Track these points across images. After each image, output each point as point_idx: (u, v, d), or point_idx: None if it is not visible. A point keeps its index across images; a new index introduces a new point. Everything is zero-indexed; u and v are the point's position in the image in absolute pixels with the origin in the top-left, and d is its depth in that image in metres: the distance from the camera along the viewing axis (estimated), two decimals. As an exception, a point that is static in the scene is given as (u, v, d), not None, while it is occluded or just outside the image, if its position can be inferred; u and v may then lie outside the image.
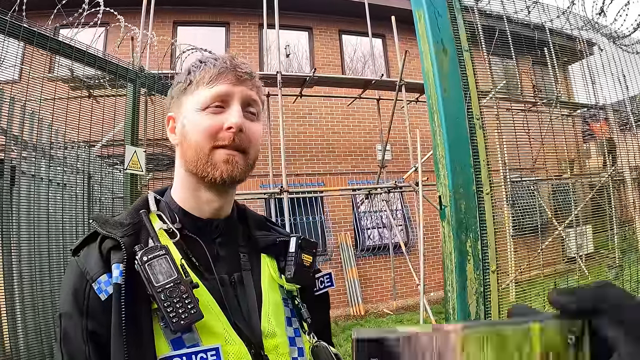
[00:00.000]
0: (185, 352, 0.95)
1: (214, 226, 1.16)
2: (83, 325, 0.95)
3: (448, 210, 2.08)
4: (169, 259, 0.98)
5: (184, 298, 0.95)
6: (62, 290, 1.03)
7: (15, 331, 3.34)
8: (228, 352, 1.00)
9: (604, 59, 4.37)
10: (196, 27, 11.30)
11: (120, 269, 0.96)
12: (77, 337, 0.95)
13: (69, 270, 1.04)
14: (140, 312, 0.96)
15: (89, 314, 0.96)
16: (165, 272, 0.96)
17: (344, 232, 10.71)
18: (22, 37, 3.46)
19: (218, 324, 1.02)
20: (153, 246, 1.00)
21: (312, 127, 11.13)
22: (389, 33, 11.21)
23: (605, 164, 5.32)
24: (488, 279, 2.12)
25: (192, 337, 0.98)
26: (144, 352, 0.93)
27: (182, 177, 1.15)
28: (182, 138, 1.12)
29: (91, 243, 1.04)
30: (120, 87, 4.48)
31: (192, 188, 1.13)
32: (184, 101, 1.13)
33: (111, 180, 4.78)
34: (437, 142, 2.17)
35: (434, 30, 2.26)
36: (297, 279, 1.20)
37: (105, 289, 0.97)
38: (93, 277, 0.98)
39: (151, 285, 0.94)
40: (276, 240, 1.26)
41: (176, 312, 0.93)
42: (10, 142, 3.53)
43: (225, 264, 1.14)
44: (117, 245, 1.00)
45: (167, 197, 1.18)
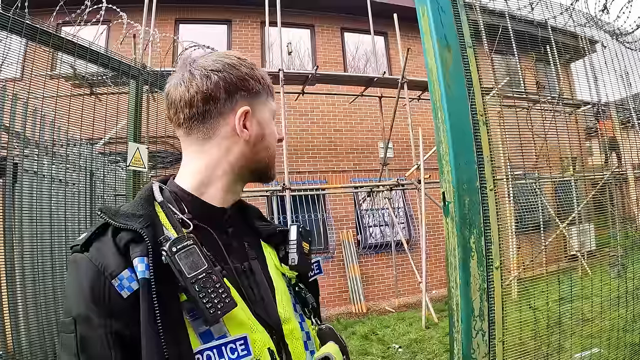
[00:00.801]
0: (215, 344, 0.94)
1: (227, 215, 1.15)
2: (107, 328, 0.88)
3: (452, 206, 2.08)
4: (197, 249, 0.96)
5: (217, 287, 0.93)
6: (72, 292, 0.94)
7: (18, 328, 3.35)
8: (255, 340, 0.99)
9: (606, 57, 4.36)
10: (198, 24, 11.28)
11: (145, 263, 0.91)
12: (100, 342, 0.88)
13: (76, 268, 0.95)
14: (172, 306, 0.93)
15: (113, 315, 0.89)
16: (196, 263, 0.94)
17: (346, 230, 10.71)
18: (25, 33, 3.46)
19: (242, 314, 1.02)
20: (180, 236, 0.96)
21: (314, 125, 11.13)
22: (391, 30, 11.22)
23: (607, 161, 5.31)
24: (492, 276, 2.11)
25: (219, 328, 0.96)
26: (183, 348, 0.90)
27: (231, 168, 1.13)
28: (258, 137, 1.15)
29: (102, 237, 0.96)
30: (123, 85, 4.48)
31: (233, 180, 1.15)
32: (259, 104, 1.16)
33: (113, 178, 4.78)
34: (440, 138, 2.16)
35: (437, 27, 2.25)
36: (299, 266, 1.24)
37: (128, 285, 0.91)
38: (112, 274, 0.91)
39: (183, 277, 0.91)
40: (276, 230, 1.28)
41: (212, 302, 0.91)
42: (13, 139, 3.53)
43: (236, 254, 1.13)
44: (135, 237, 0.95)
45: (172, 187, 1.13)
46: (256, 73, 1.15)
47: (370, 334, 7.87)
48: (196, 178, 1.12)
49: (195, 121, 1.11)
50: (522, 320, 2.62)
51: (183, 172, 1.15)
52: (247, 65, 1.14)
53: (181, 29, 11.08)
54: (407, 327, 8.11)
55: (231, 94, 1.10)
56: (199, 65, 1.10)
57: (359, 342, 7.41)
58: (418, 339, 7.24)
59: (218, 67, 1.10)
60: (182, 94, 1.09)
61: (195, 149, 1.13)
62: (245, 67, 1.13)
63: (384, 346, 7.08)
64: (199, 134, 1.12)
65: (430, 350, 6.59)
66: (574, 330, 3.19)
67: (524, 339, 2.66)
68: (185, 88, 1.09)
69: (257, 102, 1.15)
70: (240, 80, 1.11)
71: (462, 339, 2.06)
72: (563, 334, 3.09)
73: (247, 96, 1.12)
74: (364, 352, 6.84)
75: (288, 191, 8.42)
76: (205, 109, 1.09)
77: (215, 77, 1.08)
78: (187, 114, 1.10)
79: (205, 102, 1.09)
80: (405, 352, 6.67)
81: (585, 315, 3.32)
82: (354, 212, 11.07)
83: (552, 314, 3.10)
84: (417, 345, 6.91)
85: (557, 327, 3.05)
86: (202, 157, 1.13)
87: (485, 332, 2.09)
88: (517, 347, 2.46)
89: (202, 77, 1.08)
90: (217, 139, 1.12)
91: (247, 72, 1.13)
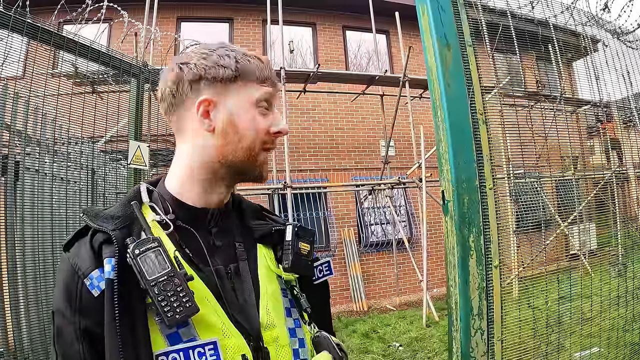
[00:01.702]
0: (182, 347, 0.93)
1: (209, 215, 1.12)
2: (76, 323, 0.93)
3: (451, 205, 2.08)
4: (161, 251, 0.95)
5: (179, 291, 0.92)
6: (56, 287, 1.00)
7: (19, 326, 3.36)
8: (226, 346, 0.97)
9: (607, 56, 4.35)
10: (200, 22, 11.30)
11: (112, 264, 0.93)
12: (71, 336, 0.93)
13: (60, 267, 1.02)
14: (135, 307, 0.93)
15: (82, 312, 0.93)
16: (159, 265, 0.93)
17: (348, 228, 10.72)
18: (26, 32, 3.47)
19: (215, 317, 1.00)
20: (145, 238, 0.96)
21: (315, 123, 11.13)
22: (393, 29, 11.20)
23: (609, 160, 5.30)
24: (491, 274, 2.11)
25: (188, 331, 0.96)
26: (139, 349, 0.90)
27: (201, 165, 1.09)
28: (228, 129, 1.07)
29: (82, 238, 1.01)
30: (124, 83, 4.48)
31: (210, 178, 1.11)
32: (230, 90, 1.08)
33: (115, 176, 4.79)
34: (440, 137, 2.16)
35: (437, 25, 2.25)
36: (295, 268, 1.18)
37: (97, 284, 0.94)
38: (85, 273, 0.94)
39: (144, 279, 0.91)
40: (272, 230, 1.23)
41: (171, 306, 0.90)
42: (14, 137, 3.54)
43: (221, 255, 1.11)
44: (108, 238, 0.97)
45: (160, 188, 1.13)
46: (230, 59, 1.07)
47: (371, 332, 7.88)
48: (176, 178, 1.12)
49: (170, 116, 1.12)
50: (522, 319, 2.63)
51: (169, 172, 1.15)
52: (221, 53, 1.08)
53: (183, 27, 11.08)
54: (407, 325, 8.12)
55: (194, 84, 1.06)
56: (176, 58, 1.11)
57: (360, 340, 7.42)
58: (419, 337, 7.25)
59: (188, 58, 1.08)
60: (160, 88, 1.11)
61: (177, 145, 1.14)
62: (217, 54, 1.08)
63: (385, 344, 7.10)
64: (175, 130, 1.13)
65: (431, 349, 6.60)
66: (574, 329, 3.19)
67: (524, 338, 2.66)
68: (162, 82, 1.10)
69: (229, 89, 1.07)
70: (206, 69, 1.06)
71: (460, 337, 2.06)
72: (563, 333, 3.09)
73: (212, 84, 1.06)
74: (365, 351, 6.86)
75: (289, 189, 8.43)
76: (172, 102, 1.09)
77: (183, 68, 1.06)
78: (164, 109, 1.12)
79: (172, 95, 1.08)
80: (406, 351, 6.68)
81: (585, 314, 3.32)
82: (356, 211, 11.07)
83: (552, 313, 3.10)
84: (417, 344, 6.92)
85: (557, 326, 3.06)
86: (180, 156, 1.13)
87: (484, 331, 2.09)
88: (516, 346, 2.46)
89: (172, 70, 1.08)
90: (187, 134, 1.11)
91: (217, 59, 1.07)
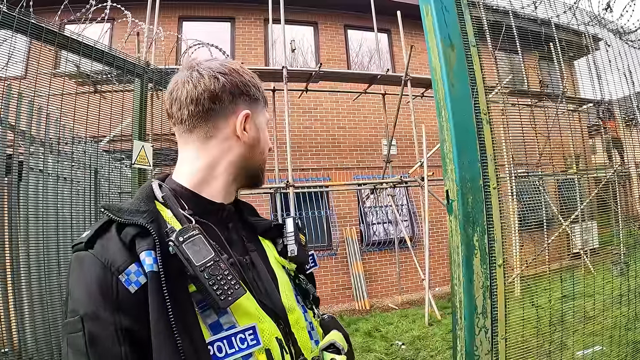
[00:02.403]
0: (225, 335, 0.95)
1: (226, 210, 1.18)
2: (116, 324, 0.88)
3: (455, 204, 2.08)
4: (203, 238, 0.97)
5: (226, 275, 0.94)
6: (78, 290, 0.92)
7: (24, 326, 3.37)
8: (263, 330, 1.01)
9: (610, 55, 4.35)
10: (202, 22, 11.29)
11: (153, 256, 0.93)
12: (110, 339, 0.87)
13: (81, 266, 0.94)
14: (182, 298, 0.94)
15: (122, 310, 0.89)
16: (203, 251, 0.95)
17: (350, 227, 10.72)
18: (30, 32, 3.48)
19: (250, 304, 1.03)
20: (186, 227, 0.98)
21: (317, 122, 11.13)
22: (394, 28, 11.20)
23: (611, 159, 5.30)
24: (495, 273, 2.12)
25: (228, 319, 0.98)
26: (197, 338, 0.91)
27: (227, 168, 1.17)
28: (255, 141, 1.20)
29: (106, 234, 0.97)
30: (128, 83, 4.49)
31: (231, 180, 1.19)
32: (257, 109, 1.23)
33: (118, 176, 4.80)
34: (444, 137, 2.17)
35: (441, 26, 2.25)
36: (300, 257, 1.28)
37: (135, 279, 0.92)
38: (119, 269, 0.91)
39: (192, 265, 0.92)
40: (271, 225, 1.32)
41: (222, 289, 0.92)
42: (18, 137, 3.55)
43: (236, 248, 1.15)
44: (141, 232, 0.96)
45: (171, 184, 1.15)
46: (256, 82, 1.23)
47: (373, 330, 7.88)
48: (196, 175, 1.15)
49: (199, 119, 1.14)
50: (525, 317, 2.63)
51: (181, 169, 1.18)
52: (249, 73, 1.21)
53: (185, 26, 11.08)
54: (410, 324, 8.12)
55: (235, 97, 1.16)
56: (206, 66, 1.15)
57: (362, 339, 7.42)
58: (421, 336, 7.25)
59: (224, 70, 1.15)
60: (189, 91, 1.12)
61: (197, 146, 1.16)
62: (247, 74, 1.20)
63: (387, 343, 7.09)
64: (201, 132, 1.15)
65: (433, 347, 6.60)
66: (577, 328, 3.20)
67: (527, 336, 2.67)
68: (193, 86, 1.12)
69: (255, 108, 1.21)
70: (243, 86, 1.17)
71: (465, 336, 2.07)
72: (565, 332, 3.09)
73: (248, 101, 1.19)
74: (367, 349, 6.86)
75: (291, 188, 8.43)
76: (210, 108, 1.13)
77: (223, 79, 1.13)
78: (191, 111, 1.13)
79: (211, 101, 1.12)
80: (409, 349, 6.68)
81: (588, 313, 3.33)
82: (358, 210, 11.07)
83: (555, 312, 3.11)
84: (420, 342, 6.92)
85: (560, 324, 3.06)
86: (203, 156, 1.16)
87: (488, 330, 2.10)
88: (519, 344, 2.47)
89: (210, 78, 1.12)
90: (219, 139, 1.15)
91: (250, 80, 1.20)
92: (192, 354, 0.89)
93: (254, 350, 0.97)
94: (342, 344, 1.17)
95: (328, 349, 1.15)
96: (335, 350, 1.15)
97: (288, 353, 1.06)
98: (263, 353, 0.99)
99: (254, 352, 0.97)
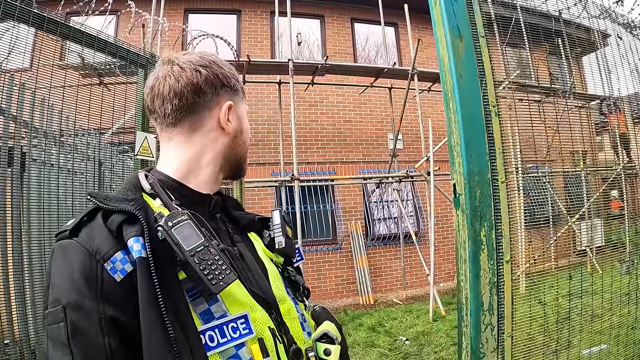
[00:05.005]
0: (216, 323, 0.94)
1: (213, 201, 1.18)
2: (100, 314, 0.85)
3: (463, 198, 2.04)
4: (192, 224, 0.96)
5: (217, 260, 0.93)
6: (60, 279, 0.89)
7: (25, 317, 3.35)
8: (255, 319, 1.00)
9: (620, 50, 4.29)
10: (207, 14, 11.26)
11: (141, 242, 0.91)
12: (93, 330, 0.84)
13: (64, 254, 0.92)
14: (173, 285, 0.92)
15: (106, 299, 0.86)
16: (192, 237, 0.93)
17: (355, 221, 10.70)
18: (32, 22, 3.45)
19: (241, 291, 1.02)
20: (175, 212, 0.97)
21: (323, 116, 11.10)
22: (401, 21, 11.16)
23: (618, 156, 5.25)
24: (502, 269, 2.08)
25: (219, 307, 0.97)
26: (188, 328, 0.89)
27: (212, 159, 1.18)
28: (237, 132, 1.22)
29: (91, 222, 0.95)
30: (132, 74, 4.45)
31: (216, 170, 1.19)
32: (238, 100, 1.24)
33: (122, 167, 4.78)
34: (452, 129, 2.12)
35: (450, 16, 2.21)
36: (287, 249, 1.29)
37: (121, 267, 0.89)
38: (105, 257, 0.88)
39: (182, 250, 0.90)
40: (254, 218, 1.33)
41: (212, 274, 0.90)
42: (20, 128, 3.53)
43: (224, 238, 1.15)
44: (129, 218, 0.94)
45: (157, 175, 1.14)
46: (234, 72, 1.25)
47: (377, 325, 7.87)
48: (183, 167, 1.15)
49: (183, 112, 1.14)
50: (532, 315, 2.60)
51: (166, 161, 1.18)
52: (227, 65, 1.23)
53: (190, 19, 11.06)
54: (414, 319, 8.11)
55: (217, 89, 1.17)
56: (186, 60, 1.16)
57: (366, 334, 7.41)
58: (425, 331, 7.24)
59: (205, 63, 1.17)
60: (171, 85, 1.12)
61: (181, 139, 1.16)
62: (226, 66, 1.22)
63: (391, 338, 7.09)
64: (185, 125, 1.16)
65: (438, 343, 6.58)
66: (583, 326, 3.16)
67: (533, 334, 2.64)
68: (175, 80, 1.12)
69: (236, 99, 1.23)
70: (224, 77, 1.19)
71: (470, 333, 2.04)
72: (572, 330, 3.06)
73: (229, 92, 1.21)
74: (371, 344, 6.85)
75: (297, 182, 8.42)
76: (194, 101, 1.14)
77: (204, 72, 1.15)
78: (175, 105, 1.13)
79: (194, 94, 1.14)
80: (412, 345, 6.66)
81: (594, 311, 3.29)
82: (363, 204, 11.05)
83: (562, 309, 3.07)
84: (424, 338, 6.91)
85: (567, 322, 3.02)
86: (189, 148, 1.16)
87: (495, 327, 2.06)
88: (525, 342, 2.44)
89: (192, 71, 1.14)
90: (203, 131, 1.17)
91: (229, 71, 1.21)
92: (183, 342, 0.87)
93: (246, 340, 0.96)
94: (335, 334, 1.16)
95: (321, 339, 1.14)
96: (329, 340, 1.14)
97: (281, 342, 1.05)
98: (256, 342, 0.97)
99: (246, 341, 0.96)
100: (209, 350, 0.90)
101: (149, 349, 0.84)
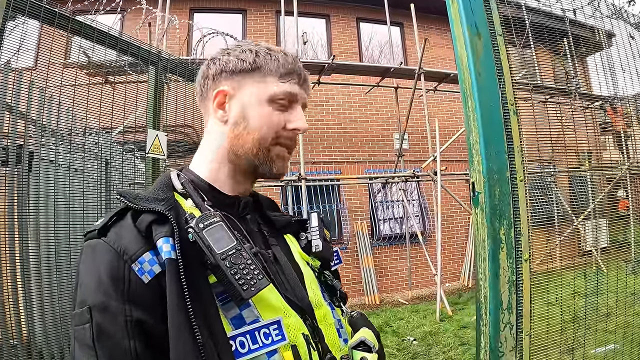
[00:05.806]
0: (248, 329, 0.90)
1: (242, 203, 1.12)
2: (126, 316, 0.82)
3: (482, 196, 2.03)
4: (224, 226, 0.92)
5: (249, 264, 0.89)
6: (86, 279, 0.87)
7: (33, 319, 3.34)
8: (288, 325, 0.95)
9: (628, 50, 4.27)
10: (213, 13, 11.26)
11: (171, 243, 0.87)
12: (119, 332, 0.82)
13: (92, 254, 0.90)
14: (202, 288, 0.88)
15: (133, 301, 0.83)
16: (224, 240, 0.90)
17: (361, 221, 10.68)
18: (43, 18, 3.43)
19: (274, 296, 0.98)
20: (206, 213, 0.93)
21: (329, 115, 11.09)
22: (407, 21, 11.16)
23: (623, 156, 5.24)
24: (521, 268, 2.07)
25: (251, 312, 0.92)
26: (217, 333, 0.85)
27: (223, 155, 1.10)
28: (239, 121, 1.08)
29: (120, 221, 0.93)
30: (142, 72, 4.45)
31: (232, 168, 1.11)
32: (246, 83, 1.08)
33: (130, 166, 4.77)
34: (471, 127, 2.11)
35: (468, 14, 2.20)
36: (325, 253, 1.24)
37: (149, 268, 0.86)
38: (132, 257, 0.86)
39: (213, 253, 0.87)
40: (291, 220, 1.27)
41: (244, 279, 0.86)
42: (29, 127, 3.52)
43: (258, 241, 1.09)
44: (159, 218, 0.91)
45: (189, 175, 1.10)
46: (251, 53, 1.09)
47: (384, 325, 7.86)
48: (207, 166, 1.12)
49: (200, 103, 1.17)
50: (550, 314, 2.59)
51: (197, 157, 1.16)
52: (244, 47, 1.11)
53: (196, 18, 11.03)
54: (421, 319, 8.10)
55: (216, 75, 1.10)
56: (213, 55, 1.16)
57: (373, 334, 7.40)
58: (433, 331, 7.22)
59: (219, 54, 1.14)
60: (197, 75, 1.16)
61: (204, 134, 1.16)
62: (240, 49, 1.11)
63: (399, 338, 7.07)
64: (205, 118, 1.16)
65: (445, 343, 6.56)
66: (597, 325, 3.15)
67: (550, 332, 2.62)
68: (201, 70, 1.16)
69: (246, 83, 1.09)
70: (227, 62, 1.10)
71: (489, 331, 2.03)
72: (587, 329, 3.04)
73: (231, 76, 1.09)
74: (379, 344, 6.83)
75: (303, 181, 8.42)
76: (200, 93, 1.15)
77: (211, 61, 1.13)
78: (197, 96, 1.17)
79: (200, 87, 1.15)
80: (420, 345, 6.65)
81: (604, 310, 3.28)
82: (369, 203, 11.03)
83: (579, 308, 3.06)
84: (432, 338, 6.89)
85: (582, 321, 3.01)
86: (205, 143, 1.15)
87: (513, 326, 2.05)
88: (543, 341, 2.42)
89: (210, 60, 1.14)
90: (210, 121, 1.14)
91: (239, 54, 1.10)
92: (211, 348, 0.83)
93: (279, 346, 0.91)
94: (373, 342, 1.09)
95: (358, 347, 1.08)
96: (366, 348, 1.08)
97: (315, 350, 0.99)
98: (289, 349, 0.92)
99: (279, 348, 0.91)
100: (238, 356, 0.87)
101: (176, 353, 0.81)
